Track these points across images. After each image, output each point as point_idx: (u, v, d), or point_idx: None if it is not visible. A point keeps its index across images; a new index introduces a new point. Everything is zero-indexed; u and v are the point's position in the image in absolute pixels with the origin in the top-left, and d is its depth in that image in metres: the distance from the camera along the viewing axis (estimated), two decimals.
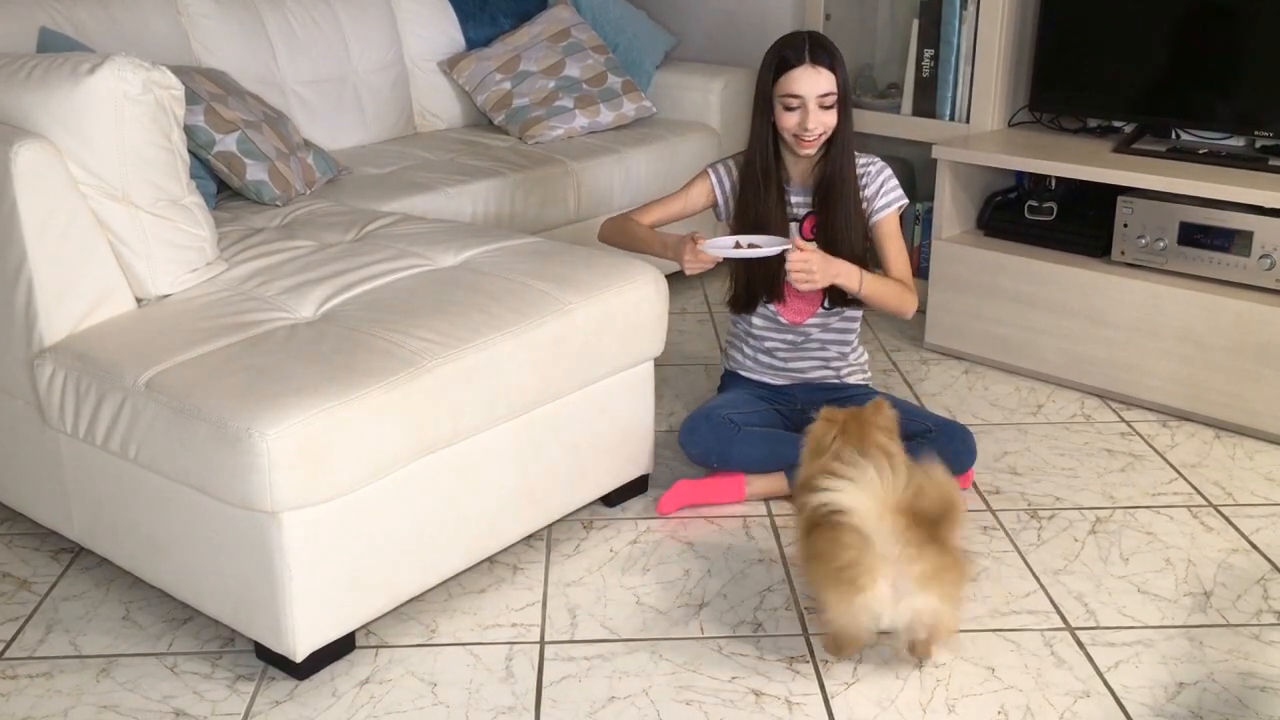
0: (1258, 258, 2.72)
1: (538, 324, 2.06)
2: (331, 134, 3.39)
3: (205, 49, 3.10)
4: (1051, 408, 2.93)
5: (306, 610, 1.82)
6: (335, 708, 1.85)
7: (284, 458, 1.71)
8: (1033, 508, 2.44)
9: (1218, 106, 2.94)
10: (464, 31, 3.77)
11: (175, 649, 2.00)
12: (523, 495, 2.14)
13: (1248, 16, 2.84)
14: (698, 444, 2.44)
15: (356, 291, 2.13)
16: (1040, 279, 3.00)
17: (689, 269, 2.32)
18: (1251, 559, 2.25)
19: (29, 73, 1.99)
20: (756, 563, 2.25)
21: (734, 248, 2.29)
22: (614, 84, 3.71)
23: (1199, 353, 2.77)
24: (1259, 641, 1.99)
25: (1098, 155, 3.01)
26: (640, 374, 2.34)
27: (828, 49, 2.34)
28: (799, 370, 2.58)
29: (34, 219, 1.94)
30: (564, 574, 2.22)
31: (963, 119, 3.40)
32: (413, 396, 1.86)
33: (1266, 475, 2.57)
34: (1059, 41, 3.18)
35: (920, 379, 3.10)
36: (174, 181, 2.09)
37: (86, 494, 2.06)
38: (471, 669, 1.94)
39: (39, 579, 2.22)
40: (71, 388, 1.94)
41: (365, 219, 2.57)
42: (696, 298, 3.74)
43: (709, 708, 1.84)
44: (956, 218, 3.25)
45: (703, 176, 2.56)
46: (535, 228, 3.23)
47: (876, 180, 2.47)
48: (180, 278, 2.13)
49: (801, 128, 2.34)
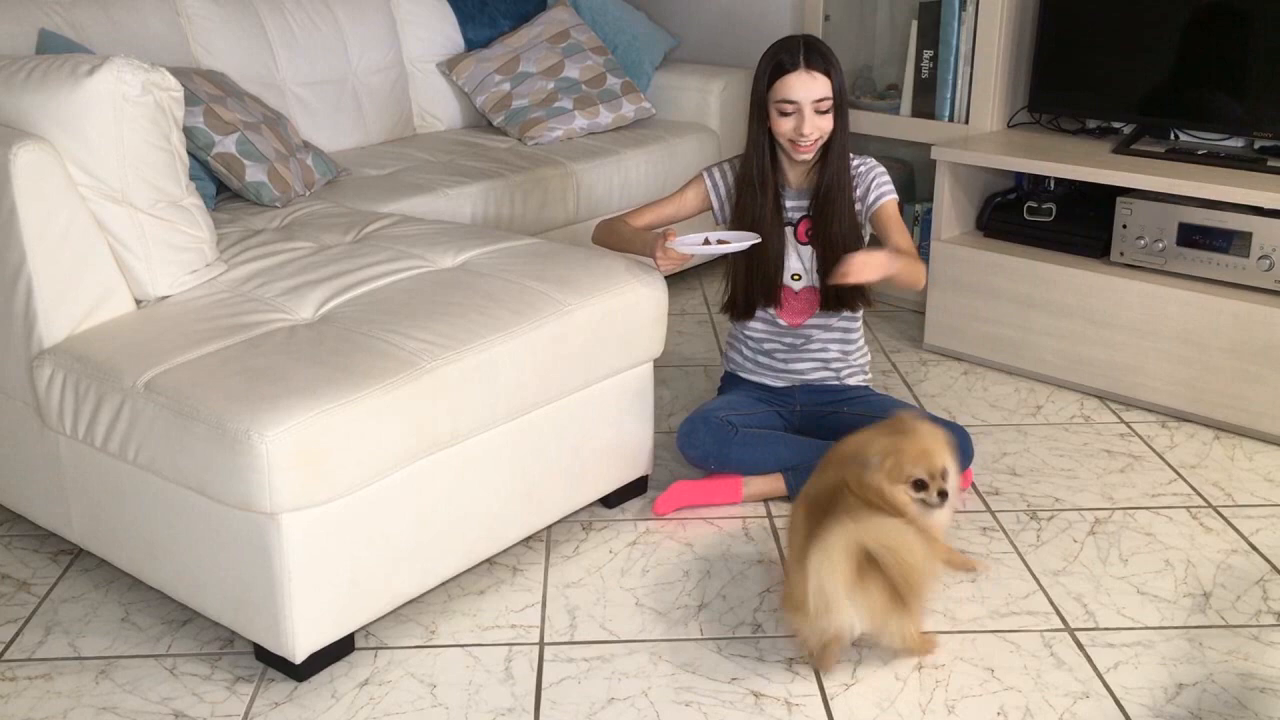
0: (1257, 259, 2.72)
1: (537, 325, 2.06)
2: (331, 135, 3.39)
3: (204, 50, 3.10)
4: (1051, 409, 2.93)
5: (306, 612, 1.82)
6: (335, 709, 1.85)
7: (283, 459, 1.71)
8: (1032, 509, 2.44)
9: (1217, 107, 2.94)
10: (463, 33, 3.77)
11: (174, 650, 2.00)
12: (522, 497, 2.14)
13: (1247, 17, 2.84)
14: (696, 446, 2.43)
15: (356, 293, 2.13)
16: (1039, 280, 3.00)
17: (660, 266, 2.32)
18: (1251, 560, 2.25)
19: (28, 74, 1.99)
20: (756, 564, 2.25)
21: (703, 244, 2.30)
22: (613, 85, 3.71)
23: (1198, 354, 2.77)
24: (1258, 642, 1.99)
25: (1097, 156, 3.01)
26: (639, 375, 2.34)
27: (823, 53, 2.33)
28: (798, 372, 2.58)
29: (33, 221, 1.94)
30: (563, 575, 2.22)
31: (962, 120, 3.40)
32: (412, 398, 1.86)
33: (1266, 476, 2.57)
34: (1058, 42, 3.18)
35: (919, 380, 3.10)
36: (173, 183, 2.09)
37: (86, 496, 2.06)
38: (471, 670, 1.94)
39: (38, 581, 2.22)
40: (71, 389, 1.94)
41: (364, 220, 2.57)
42: (696, 299, 3.74)
43: (708, 709, 1.84)
44: (956, 219, 3.25)
45: (698, 180, 2.56)
46: (534, 229, 3.23)
47: (867, 179, 2.46)
48: (180, 279, 2.13)
49: (797, 133, 2.34)
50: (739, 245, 2.30)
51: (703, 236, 2.32)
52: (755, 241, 2.31)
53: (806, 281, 2.50)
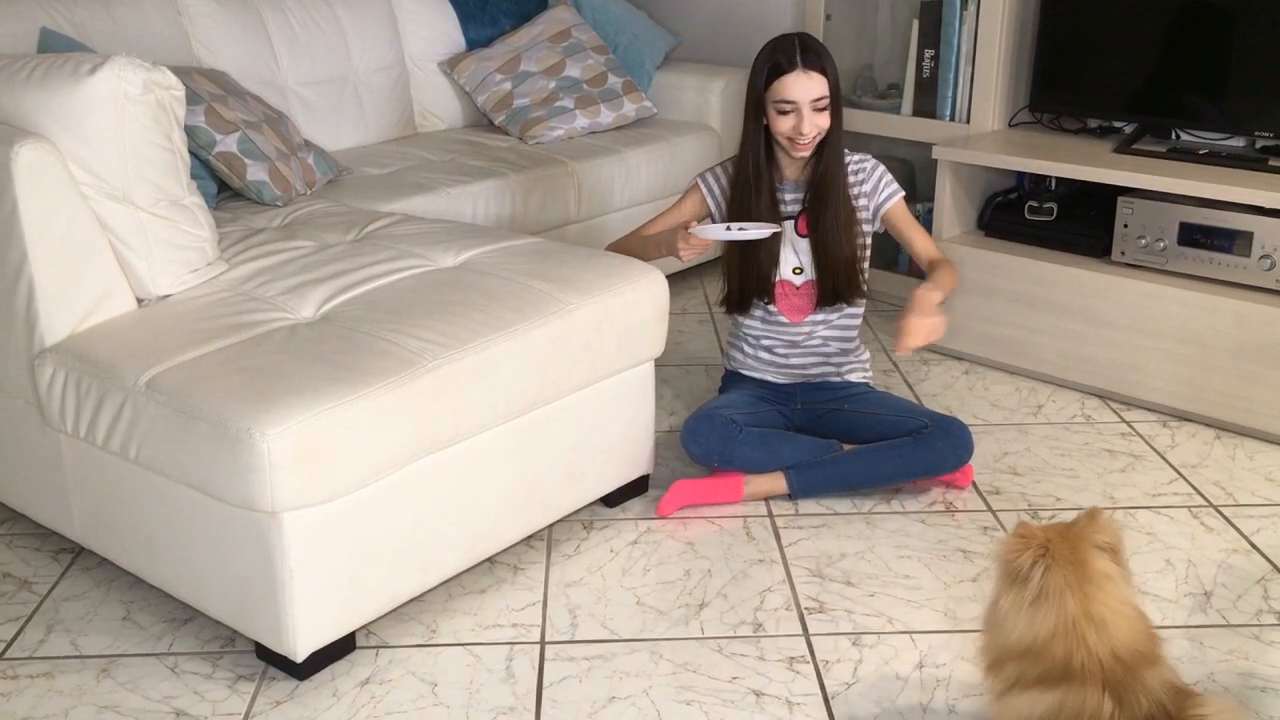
0: (1258, 258, 2.72)
1: (538, 324, 2.06)
2: (332, 134, 3.39)
3: (206, 49, 3.10)
4: (1052, 408, 2.93)
5: (307, 610, 1.82)
6: (336, 708, 1.85)
7: (284, 458, 1.71)
8: (1033, 508, 2.44)
9: (1218, 107, 2.94)
10: (464, 32, 3.77)
11: (176, 649, 2.00)
12: (523, 495, 2.14)
13: (1247, 17, 2.84)
14: (700, 444, 2.44)
15: (357, 292, 2.13)
16: (1040, 279, 3.00)
17: (684, 255, 2.35)
18: (1252, 559, 2.25)
19: (30, 73, 2.00)
20: (757, 563, 2.25)
21: (725, 231, 2.33)
22: (614, 84, 3.71)
23: (1199, 353, 2.77)
24: (1259, 642, 1.99)
25: (1098, 156, 3.01)
26: (641, 374, 2.34)
27: (818, 52, 2.35)
28: (800, 367, 2.58)
29: (34, 219, 1.94)
30: (564, 574, 2.22)
31: (963, 119, 3.40)
32: (413, 397, 1.86)
33: (1267, 475, 2.57)
34: (1059, 42, 3.18)
35: (920, 379, 3.10)
36: (174, 182, 2.09)
37: (87, 494, 2.06)
38: (472, 669, 1.94)
39: (39, 579, 2.22)
40: (72, 388, 1.94)
41: (365, 219, 2.57)
42: (697, 298, 3.74)
43: (709, 708, 1.84)
44: (957, 218, 3.25)
45: (694, 189, 2.58)
46: (535, 228, 3.23)
47: (873, 176, 2.49)
48: (181, 278, 2.13)
49: (796, 132, 2.35)
50: (760, 233, 2.32)
51: (724, 225, 2.35)
52: (777, 230, 2.34)
53: (808, 275, 2.51)
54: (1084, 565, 1.42)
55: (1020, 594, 1.44)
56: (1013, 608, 1.44)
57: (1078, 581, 1.41)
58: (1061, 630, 1.39)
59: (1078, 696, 1.36)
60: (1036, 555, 1.43)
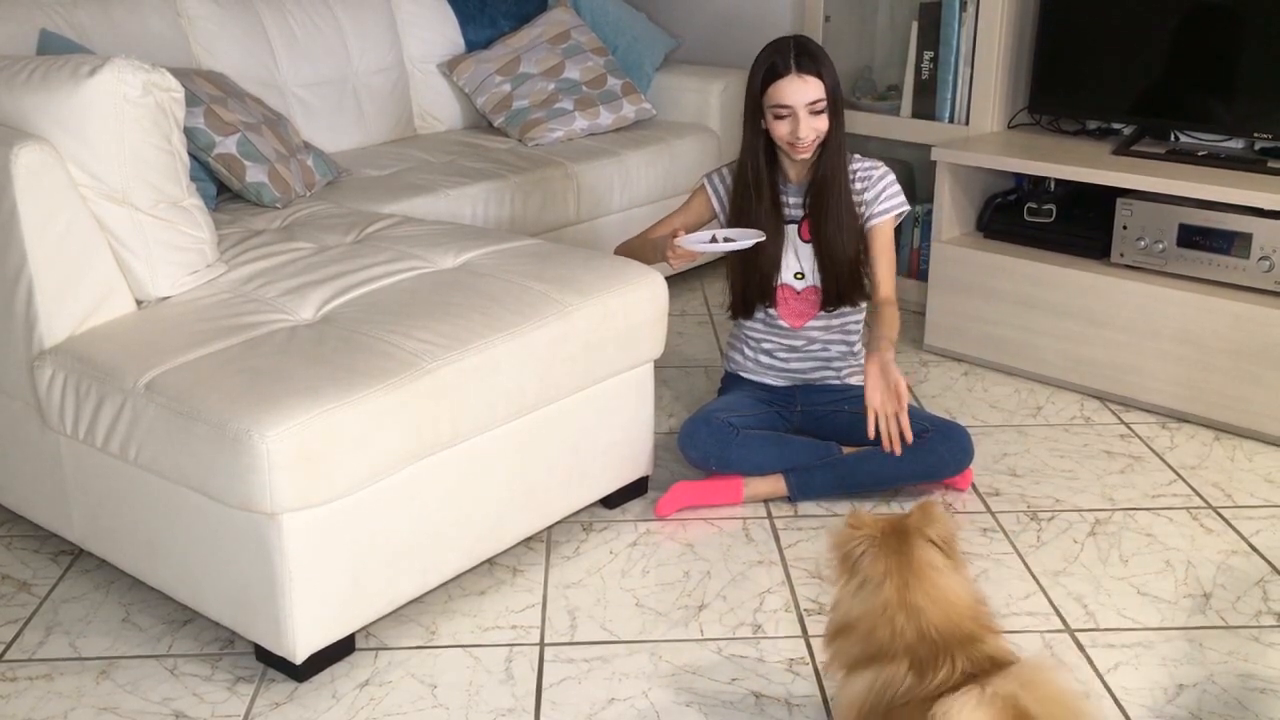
0: (1257, 260, 2.72)
1: (537, 326, 2.07)
2: (331, 136, 3.39)
3: (205, 51, 3.10)
4: (1051, 409, 2.93)
5: (306, 612, 1.82)
6: (335, 709, 1.85)
7: (284, 459, 1.71)
8: (1032, 509, 2.44)
9: (1217, 108, 2.94)
10: (464, 33, 3.77)
11: (175, 651, 2.00)
12: (522, 497, 2.14)
13: (1247, 18, 2.84)
14: (697, 447, 2.44)
15: (356, 293, 2.13)
16: (1040, 281, 3.00)
17: (672, 263, 2.38)
18: (1251, 561, 2.25)
19: (29, 75, 2.00)
20: (756, 565, 2.25)
21: (710, 241, 2.34)
22: (614, 86, 3.72)
23: (1198, 354, 2.77)
24: (1259, 643, 2.00)
25: (1097, 157, 3.01)
26: (640, 376, 2.34)
27: (814, 55, 2.34)
28: (800, 371, 2.58)
29: (34, 221, 1.94)
30: (564, 576, 2.22)
31: (962, 121, 3.40)
32: (413, 398, 1.86)
33: (1266, 477, 2.57)
34: (1058, 43, 3.18)
35: (920, 381, 3.10)
36: (174, 184, 2.09)
37: (86, 496, 2.06)
38: (471, 671, 1.94)
39: (39, 581, 2.22)
40: (71, 390, 1.94)
41: (365, 221, 2.57)
42: (696, 300, 3.74)
43: (708, 710, 1.84)
44: (956, 220, 3.25)
45: (701, 189, 2.58)
46: (535, 230, 3.23)
47: (878, 185, 2.46)
48: (180, 280, 2.13)
49: (794, 136, 2.34)
50: (744, 243, 2.32)
51: (710, 234, 2.36)
52: (760, 239, 2.33)
53: (809, 280, 2.51)
54: (908, 555, 1.54)
55: (849, 580, 1.58)
56: (843, 592, 1.59)
57: (899, 570, 1.54)
58: (878, 613, 1.53)
59: (888, 671, 1.51)
60: (866, 545, 1.56)
